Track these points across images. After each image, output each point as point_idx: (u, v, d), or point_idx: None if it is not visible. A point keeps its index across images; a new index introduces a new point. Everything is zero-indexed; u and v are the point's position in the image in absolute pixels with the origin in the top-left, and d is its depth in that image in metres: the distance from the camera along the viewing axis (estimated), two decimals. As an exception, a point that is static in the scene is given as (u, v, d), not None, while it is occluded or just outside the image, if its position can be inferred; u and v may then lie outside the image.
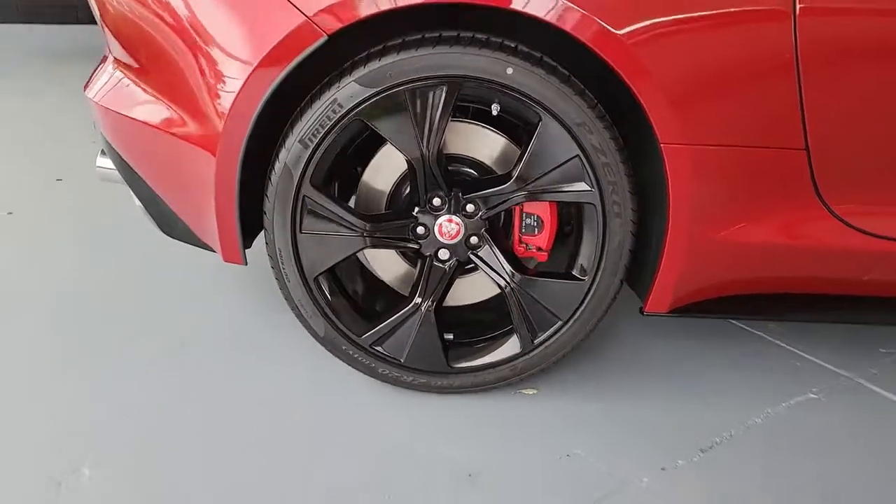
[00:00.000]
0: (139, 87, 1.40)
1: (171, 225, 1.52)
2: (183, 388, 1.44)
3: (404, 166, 1.35)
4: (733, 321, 1.69)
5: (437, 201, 1.30)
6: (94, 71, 1.59)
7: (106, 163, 1.63)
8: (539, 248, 1.35)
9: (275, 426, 1.33)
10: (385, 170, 1.39)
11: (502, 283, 1.33)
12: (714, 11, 1.12)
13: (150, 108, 1.37)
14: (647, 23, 1.11)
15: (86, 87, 1.60)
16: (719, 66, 1.15)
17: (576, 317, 1.33)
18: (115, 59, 1.48)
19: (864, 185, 1.25)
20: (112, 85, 1.47)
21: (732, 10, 1.12)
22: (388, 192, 1.41)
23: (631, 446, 1.27)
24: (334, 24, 1.15)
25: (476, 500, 1.14)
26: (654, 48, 1.12)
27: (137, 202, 1.57)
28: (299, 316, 1.37)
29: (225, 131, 1.24)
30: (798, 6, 1.10)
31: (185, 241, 1.53)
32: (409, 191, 1.37)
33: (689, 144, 1.19)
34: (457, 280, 1.41)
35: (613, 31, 1.11)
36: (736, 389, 1.45)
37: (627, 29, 1.11)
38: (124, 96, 1.42)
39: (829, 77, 1.15)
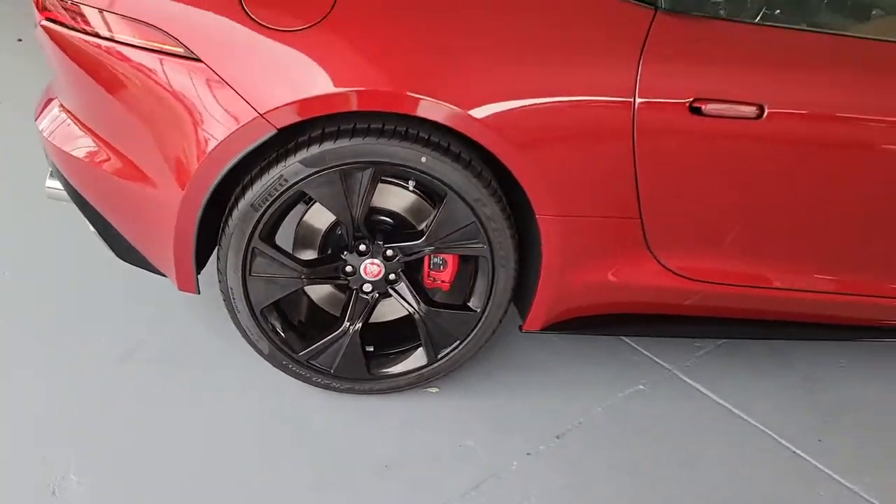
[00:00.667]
0: (84, 130, 1.61)
1: (125, 251, 1.76)
2: (140, 392, 1.72)
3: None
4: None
5: (362, 247, 1.62)
6: (47, 100, 1.76)
7: (55, 184, 1.82)
8: (443, 282, 1.72)
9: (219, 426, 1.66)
10: (322, 214, 1.69)
11: (412, 311, 1.68)
12: (573, 124, 1.49)
13: (111, 158, 1.59)
14: (532, 130, 1.46)
15: (37, 117, 1.77)
16: (577, 161, 1.53)
17: (470, 337, 1.71)
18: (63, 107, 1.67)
19: (680, 243, 1.69)
20: (67, 127, 1.66)
21: (585, 121, 1.49)
22: (324, 231, 1.71)
23: (505, 436, 1.70)
24: (283, 121, 1.42)
25: (393, 488, 1.53)
26: (532, 148, 1.48)
27: (91, 228, 1.78)
28: (248, 339, 1.68)
29: (186, 196, 1.49)
30: (635, 128, 1.49)
31: (138, 267, 1.78)
32: (339, 236, 1.68)
33: (557, 216, 1.57)
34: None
35: (504, 137, 1.45)
36: (586, 382, 1.90)
37: (510, 133, 1.46)
38: (72, 137, 1.62)
39: (656, 165, 1.55)
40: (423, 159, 1.49)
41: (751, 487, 1.63)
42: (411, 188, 1.60)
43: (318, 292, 1.83)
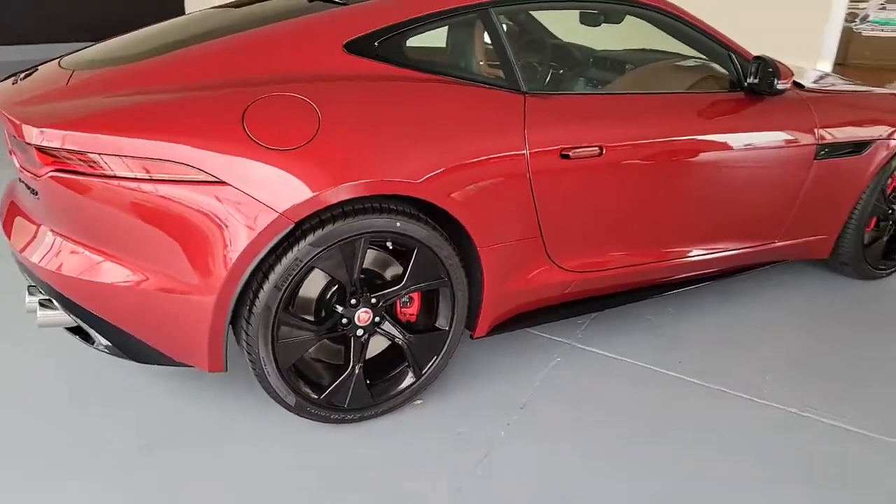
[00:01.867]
0: (104, 256, 1.87)
1: (140, 354, 2.00)
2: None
3: (324, 281, 2.07)
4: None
5: (353, 301, 2.06)
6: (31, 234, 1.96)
7: (49, 314, 2.01)
8: (412, 314, 2.22)
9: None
10: (311, 285, 2.09)
11: (400, 341, 2.15)
12: (491, 176, 2.10)
13: (128, 275, 1.86)
14: (466, 188, 2.05)
15: (23, 249, 1.95)
16: (498, 202, 2.14)
17: (443, 351, 2.23)
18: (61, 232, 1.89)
19: (568, 248, 2.38)
20: (78, 256, 1.89)
21: (497, 176, 2.12)
22: (316, 297, 2.11)
23: (486, 417, 2.23)
24: (298, 216, 1.84)
25: (421, 480, 1.98)
26: (468, 199, 2.07)
27: (103, 342, 1.99)
28: (276, 398, 2.02)
29: (220, 294, 1.84)
30: (530, 172, 2.15)
31: (149, 363, 2.03)
32: (331, 296, 2.09)
33: (490, 245, 2.17)
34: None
35: (448, 195, 2.02)
36: (519, 365, 2.50)
37: (454, 194, 2.03)
38: (88, 264, 1.87)
39: (546, 196, 2.22)
40: (398, 224, 2.00)
41: (650, 398, 2.35)
42: (391, 247, 2.09)
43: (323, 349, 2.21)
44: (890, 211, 3.21)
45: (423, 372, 2.23)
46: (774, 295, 3.14)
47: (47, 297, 2.04)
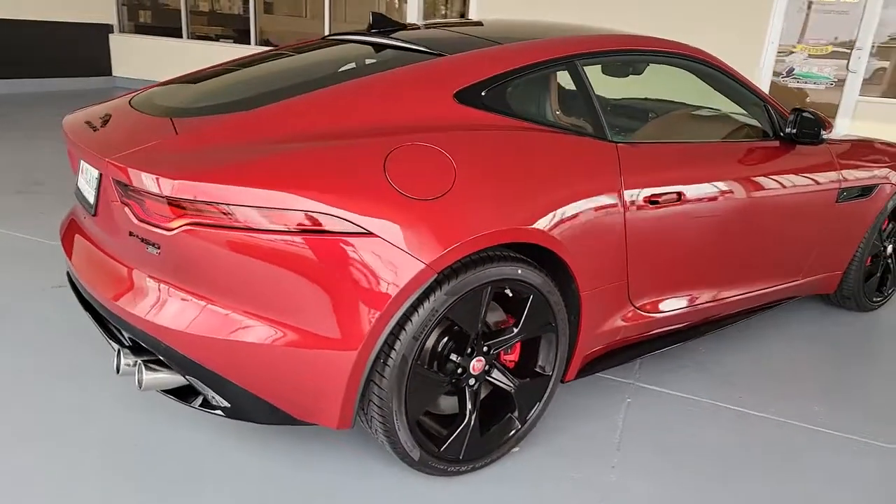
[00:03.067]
0: (243, 314, 1.78)
1: (258, 413, 1.90)
2: None
3: (439, 332, 2.04)
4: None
5: (469, 350, 2.05)
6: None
7: (156, 376, 1.88)
8: (512, 362, 2.23)
9: None
10: (432, 335, 2.04)
11: (509, 387, 2.15)
12: (594, 223, 2.17)
13: (264, 331, 1.78)
14: (574, 234, 2.10)
15: (122, 303, 1.83)
16: (599, 247, 2.21)
17: (545, 396, 2.24)
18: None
19: (645, 291, 2.47)
20: (199, 311, 1.79)
21: (600, 222, 2.18)
22: (430, 349, 2.07)
23: (590, 462, 2.25)
24: (440, 266, 1.83)
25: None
26: (577, 245, 2.12)
27: (221, 404, 1.87)
28: (402, 452, 1.96)
29: (362, 348, 1.78)
30: (625, 219, 2.23)
31: (265, 423, 1.93)
32: (445, 346, 2.06)
33: (591, 290, 2.22)
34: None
35: (562, 242, 2.07)
36: (597, 407, 2.55)
37: (566, 240, 2.08)
38: (221, 322, 1.77)
39: (636, 242, 2.31)
40: (519, 271, 2.01)
41: (730, 434, 2.44)
42: (510, 294, 2.09)
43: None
44: (883, 248, 3.52)
45: (528, 418, 2.22)
46: (789, 330, 3.36)
47: (153, 357, 1.91)
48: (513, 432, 2.20)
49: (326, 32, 9.44)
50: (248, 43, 9.81)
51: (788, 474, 2.25)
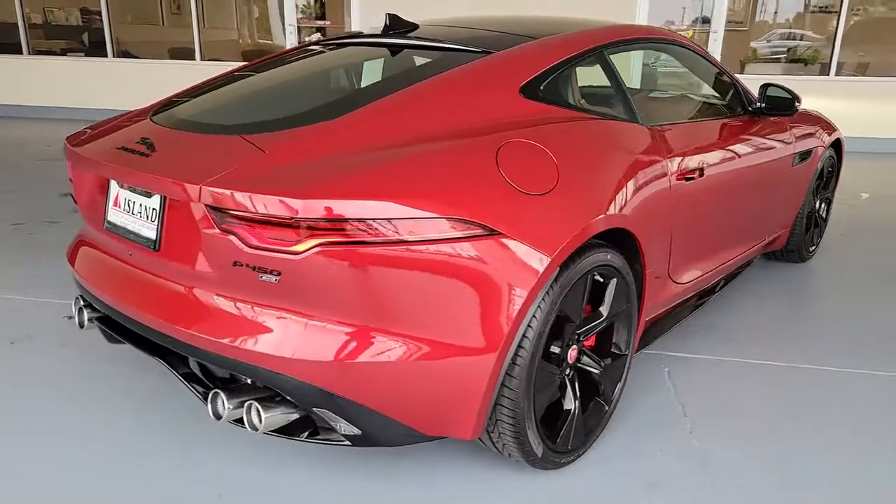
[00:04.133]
0: (378, 333, 1.68)
1: (388, 436, 1.81)
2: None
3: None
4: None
5: (567, 340, 2.07)
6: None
7: (276, 415, 1.74)
8: (590, 345, 2.28)
9: None
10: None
11: (597, 371, 2.19)
12: (655, 207, 2.27)
13: (401, 349, 1.69)
14: (642, 216, 2.19)
15: (267, 343, 1.68)
16: (658, 229, 2.31)
17: (625, 374, 2.31)
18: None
19: (681, 264, 2.61)
20: (331, 336, 1.67)
21: (657, 203, 2.29)
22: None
23: (668, 434, 2.35)
24: (562, 258, 1.84)
25: (670, 499, 2.05)
26: (645, 228, 2.21)
27: (351, 432, 1.76)
28: (529, 452, 1.94)
29: (500, 352, 1.76)
30: (671, 191, 2.36)
31: (392, 445, 1.84)
32: (551, 340, 2.04)
33: (650, 267, 2.32)
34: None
35: (638, 226, 2.15)
36: (643, 382, 2.66)
37: (638, 224, 2.16)
38: (358, 345, 1.67)
39: (678, 219, 2.45)
40: (609, 256, 2.07)
41: (770, 389, 2.66)
42: (600, 280, 2.13)
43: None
44: (814, 204, 3.97)
45: (612, 399, 2.29)
46: (746, 288, 3.68)
47: (266, 395, 1.75)
48: (604, 415, 2.26)
49: (196, 41, 8.89)
50: (105, 55, 9.00)
51: (840, 412, 2.48)
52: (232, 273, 1.70)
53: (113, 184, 2.01)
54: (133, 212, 1.92)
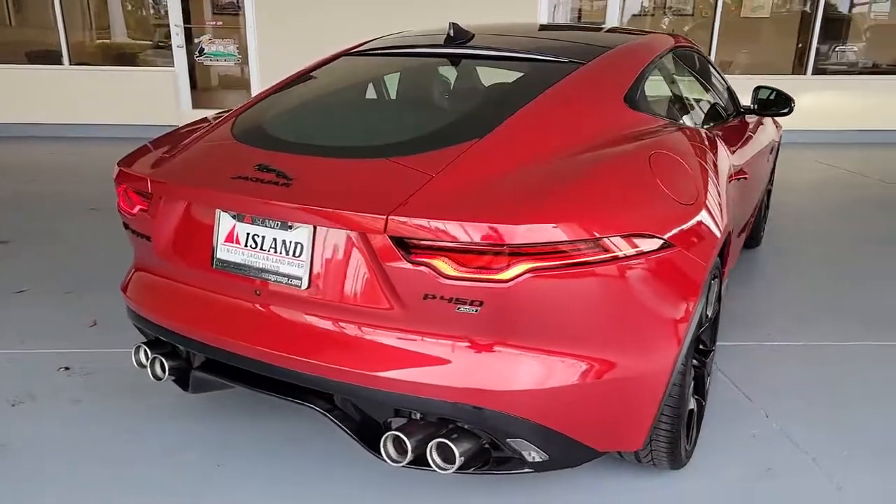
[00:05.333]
0: (577, 357, 1.64)
1: (569, 457, 1.78)
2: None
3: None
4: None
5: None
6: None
7: (465, 449, 1.65)
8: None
9: None
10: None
11: (700, 368, 2.26)
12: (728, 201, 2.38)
13: (600, 371, 1.66)
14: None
15: (463, 376, 1.58)
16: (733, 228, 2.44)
17: (711, 370, 2.41)
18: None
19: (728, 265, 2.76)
20: (547, 363, 1.62)
21: (729, 200, 2.41)
22: None
23: (750, 415, 2.48)
24: (711, 264, 1.89)
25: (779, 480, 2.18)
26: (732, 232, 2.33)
27: (538, 458, 1.69)
28: (675, 456, 1.97)
29: (676, 356, 1.78)
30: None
31: (571, 467, 1.80)
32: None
33: (729, 265, 2.44)
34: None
35: None
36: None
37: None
38: (574, 370, 1.62)
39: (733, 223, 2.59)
40: (718, 258, 2.15)
41: (811, 368, 2.88)
42: None
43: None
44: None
45: (704, 393, 2.37)
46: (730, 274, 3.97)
47: (445, 432, 1.65)
48: (703, 411, 2.34)
49: (63, 43, 8.01)
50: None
51: (873, 380, 2.73)
52: (421, 307, 1.57)
53: (224, 218, 1.78)
54: (262, 247, 1.72)
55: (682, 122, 2.45)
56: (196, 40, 8.36)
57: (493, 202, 1.56)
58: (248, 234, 1.75)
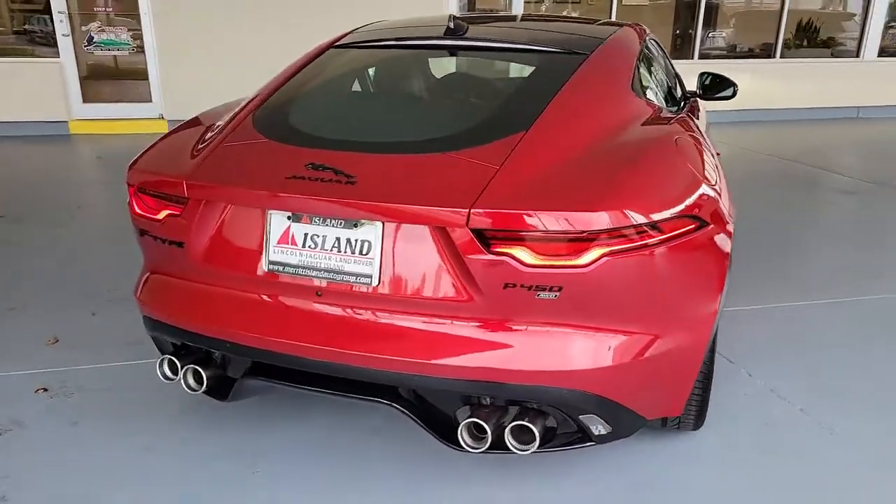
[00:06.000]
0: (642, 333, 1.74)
1: (626, 427, 1.88)
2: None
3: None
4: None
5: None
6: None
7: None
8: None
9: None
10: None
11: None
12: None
13: (662, 344, 1.77)
14: None
15: (550, 360, 1.65)
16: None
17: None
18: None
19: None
20: (626, 342, 1.73)
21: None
22: None
23: (773, 403, 2.69)
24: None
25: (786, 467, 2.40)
26: None
27: (604, 430, 1.78)
28: (702, 415, 2.13)
29: (714, 324, 1.92)
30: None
31: (625, 437, 1.90)
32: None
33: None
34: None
35: None
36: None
37: None
38: (642, 345, 1.73)
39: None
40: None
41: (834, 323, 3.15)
42: None
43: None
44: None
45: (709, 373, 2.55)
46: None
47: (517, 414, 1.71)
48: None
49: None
50: None
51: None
52: (500, 296, 1.61)
53: (276, 219, 1.73)
54: (323, 247, 1.69)
55: (665, 108, 2.61)
56: (83, 28, 7.76)
57: (564, 191, 1.63)
58: (305, 234, 1.71)
